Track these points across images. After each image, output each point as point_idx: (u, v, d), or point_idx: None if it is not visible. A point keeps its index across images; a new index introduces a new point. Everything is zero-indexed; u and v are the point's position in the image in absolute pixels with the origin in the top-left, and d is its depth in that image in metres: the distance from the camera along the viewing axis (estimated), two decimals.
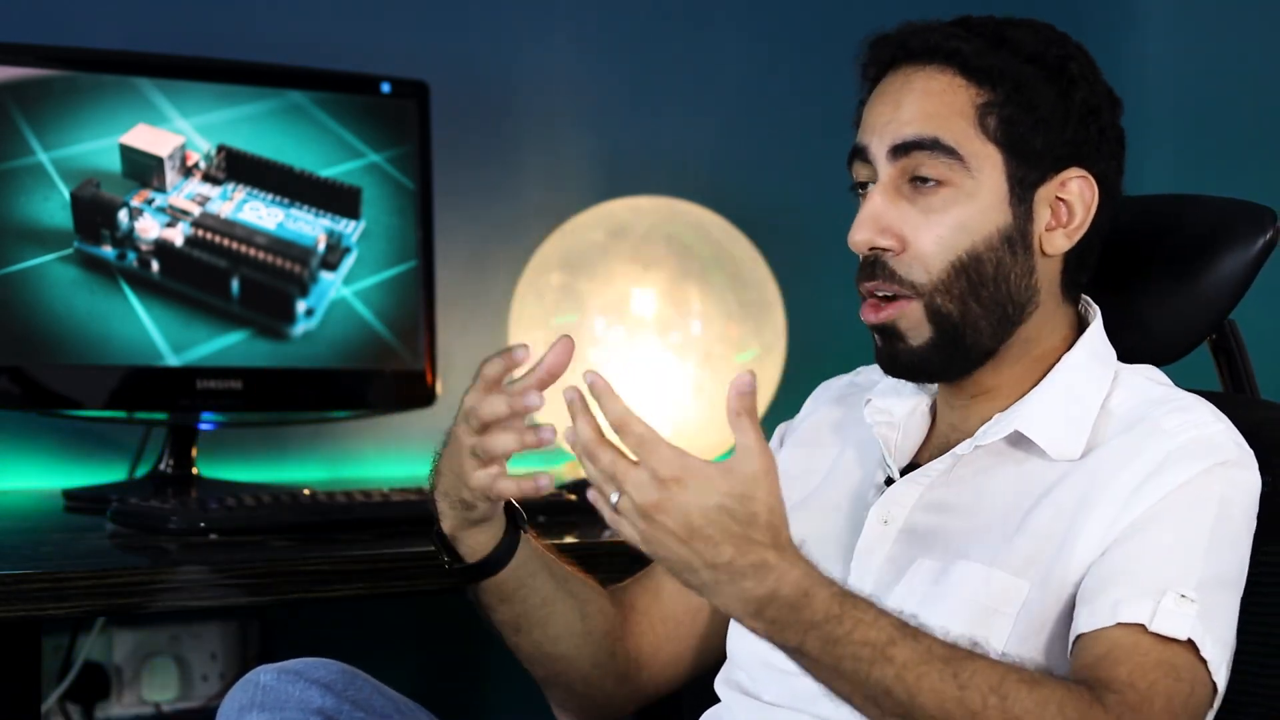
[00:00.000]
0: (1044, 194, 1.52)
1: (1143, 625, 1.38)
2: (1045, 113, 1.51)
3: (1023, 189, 1.51)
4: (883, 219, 1.51)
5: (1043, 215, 1.53)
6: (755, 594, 1.29)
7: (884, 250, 1.51)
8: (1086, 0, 3.04)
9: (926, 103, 1.51)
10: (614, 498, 1.30)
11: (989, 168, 1.50)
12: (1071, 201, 1.53)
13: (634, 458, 1.29)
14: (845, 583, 1.52)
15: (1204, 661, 1.38)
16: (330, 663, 1.59)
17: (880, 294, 1.52)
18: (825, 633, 1.30)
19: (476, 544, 1.59)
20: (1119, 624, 1.38)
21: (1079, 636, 1.40)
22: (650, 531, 1.29)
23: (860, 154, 1.54)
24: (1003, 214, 1.51)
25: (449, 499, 1.56)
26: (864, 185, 1.55)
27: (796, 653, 1.32)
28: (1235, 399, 1.72)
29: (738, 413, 1.29)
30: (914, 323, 1.51)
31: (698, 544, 1.28)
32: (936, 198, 1.50)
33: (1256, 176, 2.84)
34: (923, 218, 1.50)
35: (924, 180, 1.50)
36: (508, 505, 1.60)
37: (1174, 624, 1.38)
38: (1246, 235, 1.64)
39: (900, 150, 1.51)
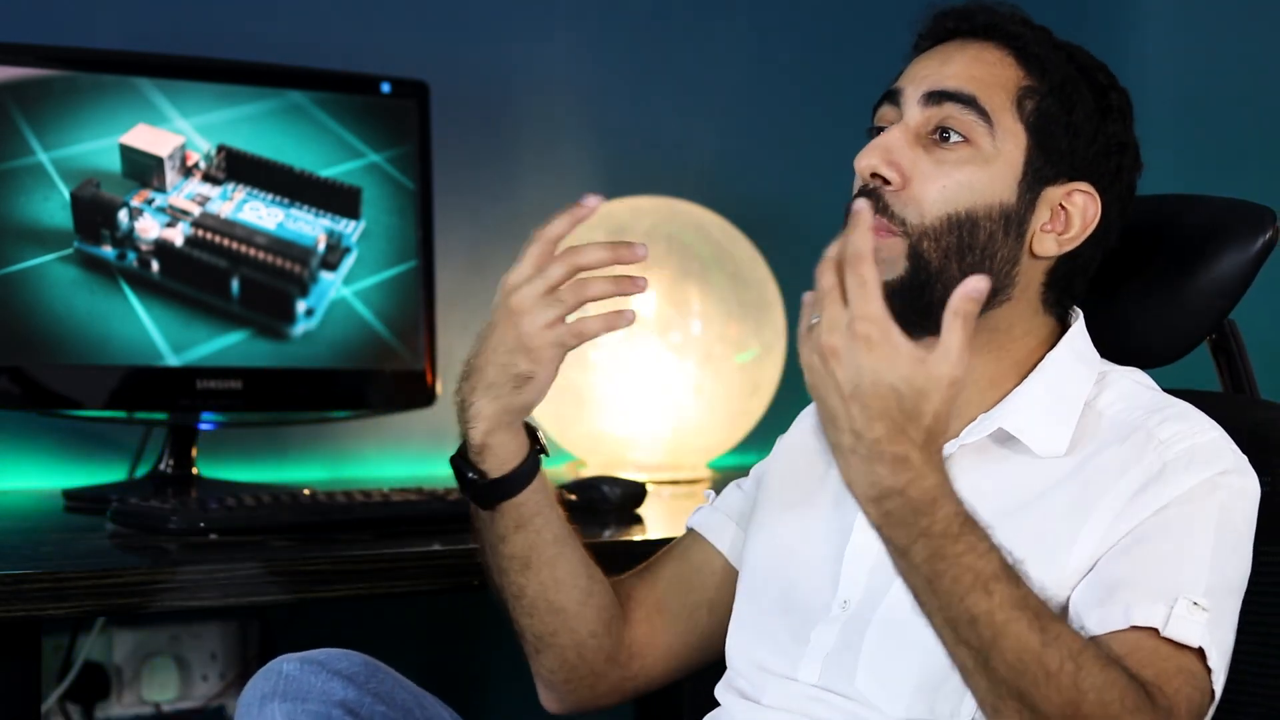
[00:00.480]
0: (1052, 194, 1.54)
1: (1155, 630, 1.38)
2: (1079, 120, 1.54)
3: (1035, 180, 1.53)
4: (894, 152, 1.52)
5: (1042, 214, 1.54)
6: (885, 482, 1.27)
7: (884, 183, 1.52)
8: (1087, 0, 3.05)
9: (974, 67, 1.54)
10: (813, 318, 1.29)
11: (1012, 144, 1.52)
12: (1073, 212, 1.54)
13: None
14: (835, 590, 1.53)
15: (1209, 670, 1.38)
16: (353, 654, 1.59)
17: None
18: (936, 546, 1.28)
19: (506, 453, 1.60)
20: (1133, 626, 1.38)
21: (1091, 639, 1.40)
22: (821, 371, 1.27)
23: (891, 96, 1.56)
24: (1010, 191, 1.52)
25: (497, 387, 1.57)
26: (881, 130, 1.56)
27: (901, 553, 1.29)
28: (1235, 399, 1.72)
29: (955, 312, 1.26)
30: (892, 256, 1.50)
31: (854, 407, 1.25)
32: (954, 154, 1.51)
33: (1256, 176, 2.84)
34: (934, 167, 1.51)
35: (946, 136, 1.52)
36: (527, 426, 1.62)
37: (1188, 631, 1.38)
38: (1246, 235, 1.64)
39: (935, 97, 1.53)
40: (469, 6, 2.70)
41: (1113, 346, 1.59)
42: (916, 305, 1.50)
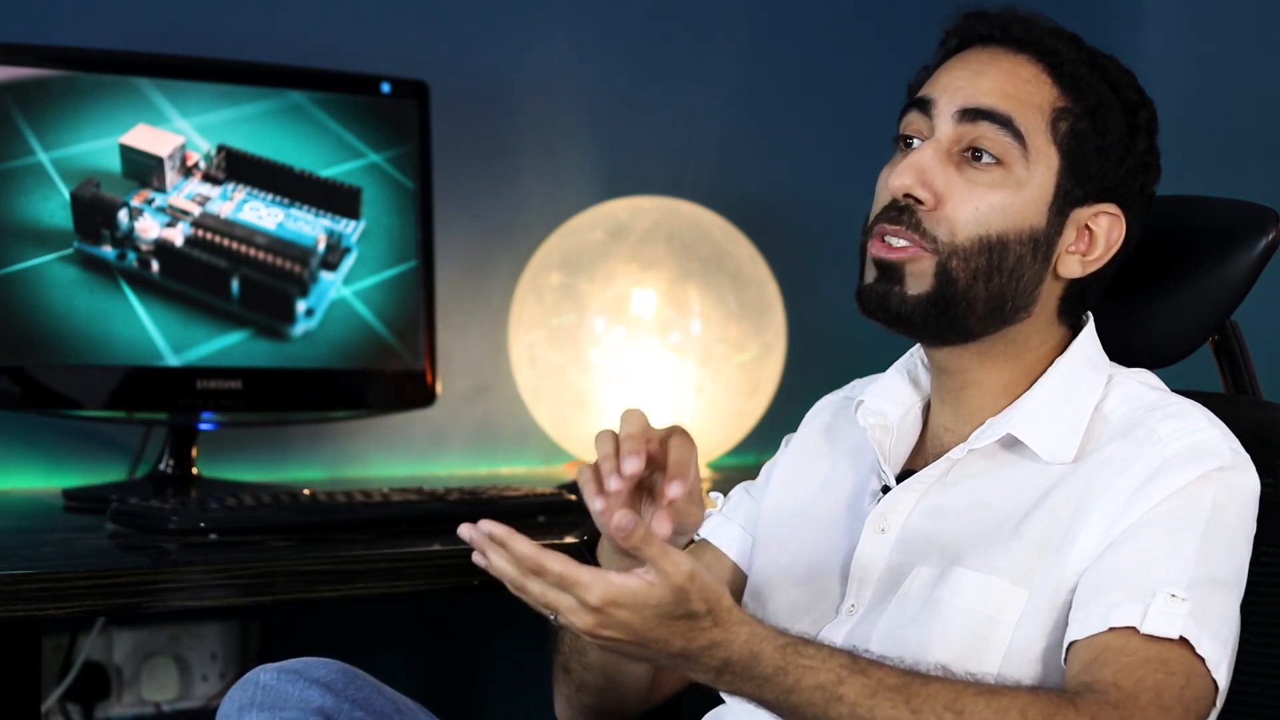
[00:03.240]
0: (1079, 216, 1.53)
1: (1134, 628, 1.38)
2: (1112, 142, 1.52)
3: (1065, 202, 1.52)
4: (928, 172, 1.51)
5: (1069, 235, 1.53)
6: (711, 665, 1.34)
7: (918, 202, 1.51)
8: (1087, 0, 3.05)
9: (1010, 84, 1.52)
10: (552, 617, 1.34)
11: (1044, 168, 1.51)
12: (1098, 234, 1.54)
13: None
14: (843, 594, 1.53)
15: (1201, 659, 1.38)
16: (330, 662, 1.59)
17: (896, 241, 1.51)
18: (777, 684, 1.34)
19: None
20: (1110, 629, 1.38)
21: (1072, 644, 1.40)
22: (599, 639, 1.33)
23: (922, 106, 1.54)
24: (1040, 215, 1.51)
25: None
26: (909, 141, 1.55)
27: (759, 704, 1.36)
28: (1237, 400, 1.72)
29: (635, 547, 1.30)
30: (921, 272, 1.51)
31: (649, 644, 1.33)
32: (986, 175, 1.50)
33: (1258, 177, 2.84)
34: (967, 187, 1.50)
35: (979, 156, 1.50)
36: None
37: (1164, 623, 1.37)
38: (1248, 236, 1.64)
39: (970, 115, 1.51)
40: (469, 6, 2.70)
41: (1115, 347, 1.59)
42: (940, 320, 1.51)
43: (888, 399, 1.61)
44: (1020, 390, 1.55)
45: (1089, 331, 1.57)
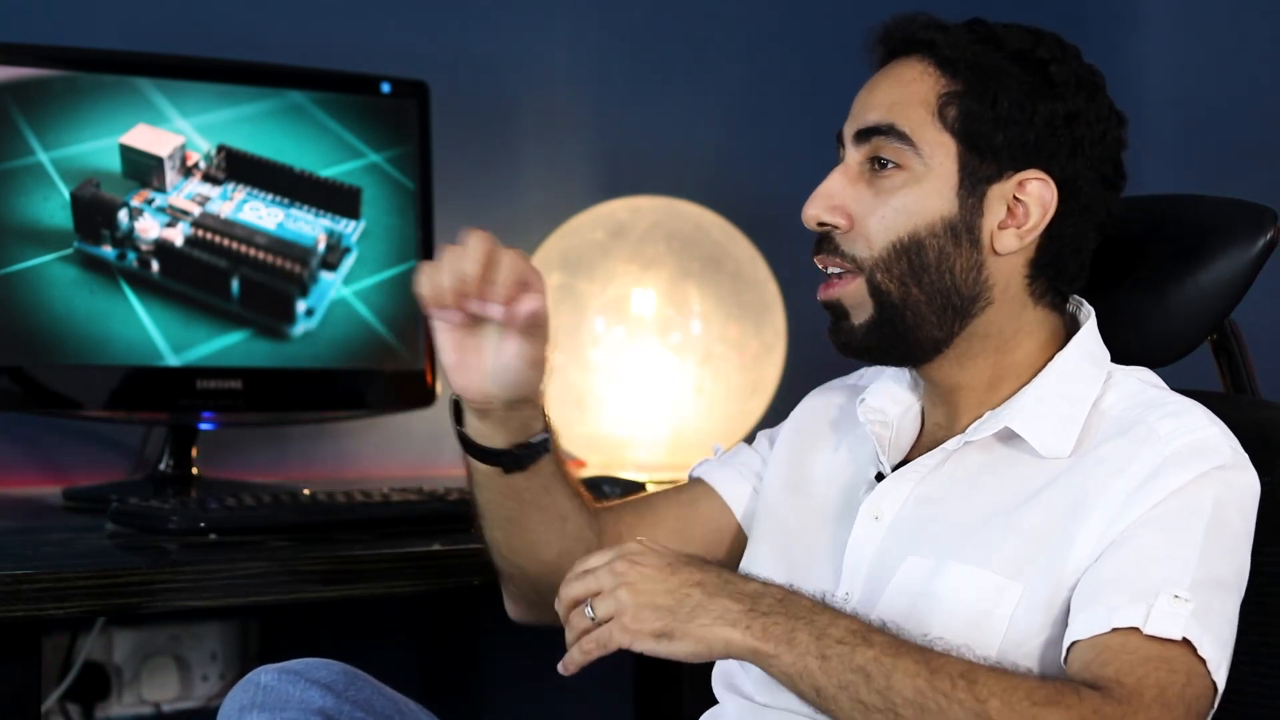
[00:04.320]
0: (999, 191, 1.53)
1: (1137, 629, 1.38)
2: (1009, 110, 1.52)
3: (974, 182, 1.52)
4: (835, 197, 1.55)
5: (996, 212, 1.53)
6: (746, 592, 1.39)
7: (832, 227, 1.55)
8: (1087, 0, 3.05)
9: (893, 90, 1.55)
10: (588, 612, 1.41)
11: (942, 156, 1.52)
12: (1028, 203, 1.53)
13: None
14: (838, 582, 1.54)
15: (1202, 660, 1.38)
16: (331, 663, 1.59)
17: (830, 270, 1.56)
18: (812, 622, 1.37)
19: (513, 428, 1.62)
20: (1114, 629, 1.38)
21: (1073, 644, 1.40)
22: (634, 606, 1.39)
23: (838, 138, 1.59)
24: (948, 202, 1.52)
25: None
26: None
27: (789, 647, 1.36)
28: (1236, 399, 1.72)
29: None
30: (857, 300, 1.54)
31: (681, 573, 1.38)
32: (889, 181, 1.53)
33: (1256, 176, 2.84)
34: (875, 199, 1.54)
35: (883, 165, 1.53)
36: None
37: (1168, 624, 1.38)
38: (1247, 235, 1.64)
39: (863, 135, 1.55)
40: (469, 6, 2.70)
41: (1114, 346, 1.59)
42: (892, 338, 1.54)
43: (888, 398, 1.62)
44: (1013, 386, 1.55)
45: (1090, 327, 1.57)
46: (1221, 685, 1.40)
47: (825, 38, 2.97)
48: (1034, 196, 1.53)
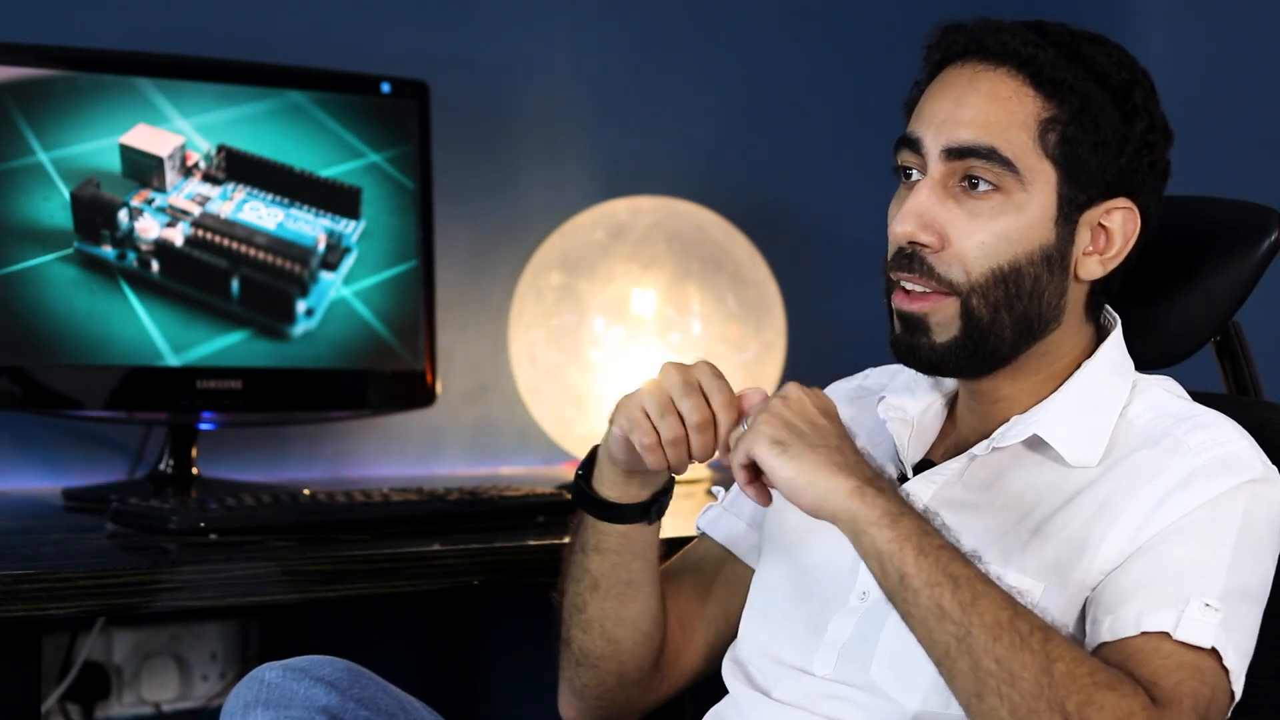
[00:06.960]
0: (1089, 218, 1.51)
1: (1167, 633, 1.37)
2: (1106, 136, 1.49)
3: (1070, 210, 1.50)
4: (927, 214, 1.49)
5: (1083, 239, 1.51)
6: (873, 467, 1.40)
7: (924, 246, 1.50)
8: (1086, 0, 3.04)
9: (990, 108, 1.49)
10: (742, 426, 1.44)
11: (1042, 183, 1.49)
12: (1113, 230, 1.52)
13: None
14: (854, 581, 1.53)
15: (1226, 670, 1.38)
16: (336, 660, 1.59)
17: (915, 288, 1.51)
18: (921, 521, 1.37)
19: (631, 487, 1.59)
20: (1143, 633, 1.38)
21: (1100, 645, 1.40)
22: (773, 415, 1.41)
23: (911, 144, 1.52)
24: (1048, 231, 1.49)
25: None
26: (908, 171, 1.53)
27: (890, 521, 1.35)
28: (1239, 401, 1.72)
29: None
30: (945, 319, 1.50)
31: (818, 426, 1.41)
32: (986, 203, 1.49)
33: (1260, 178, 2.84)
34: (968, 220, 1.49)
35: (975, 184, 1.49)
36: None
37: (1199, 632, 1.37)
38: (1251, 237, 1.64)
39: (955, 153, 1.49)
40: (469, 6, 2.70)
41: None
42: (973, 358, 1.51)
43: (908, 394, 1.61)
44: (1046, 392, 1.54)
45: (1116, 337, 1.56)
46: (1239, 695, 1.40)
47: (825, 38, 2.97)
48: (1118, 224, 1.51)
